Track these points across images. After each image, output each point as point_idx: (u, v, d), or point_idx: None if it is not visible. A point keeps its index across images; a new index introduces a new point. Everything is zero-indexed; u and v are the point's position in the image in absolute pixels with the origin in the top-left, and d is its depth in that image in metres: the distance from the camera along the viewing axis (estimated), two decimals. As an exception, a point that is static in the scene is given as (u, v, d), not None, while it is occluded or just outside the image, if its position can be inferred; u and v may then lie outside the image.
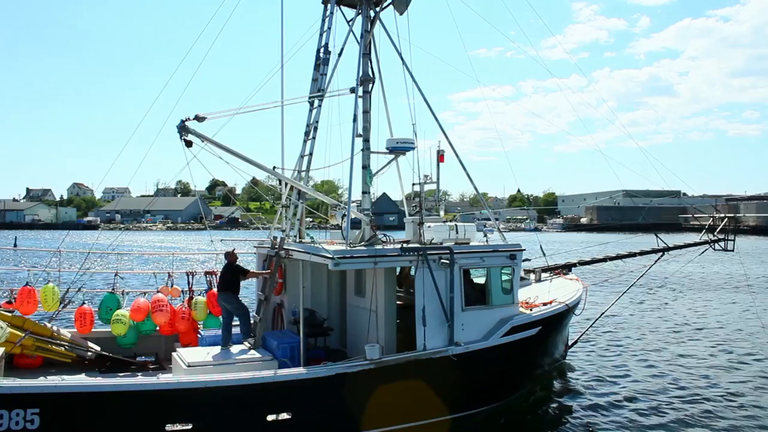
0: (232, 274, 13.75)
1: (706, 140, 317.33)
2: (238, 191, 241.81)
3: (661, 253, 18.06)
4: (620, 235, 38.07)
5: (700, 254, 18.37)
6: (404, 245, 13.02)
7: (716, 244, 17.97)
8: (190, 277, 15.49)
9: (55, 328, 14.20)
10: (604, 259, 19.30)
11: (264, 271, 14.24)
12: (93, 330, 14.74)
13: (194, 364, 12.24)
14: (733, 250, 17.67)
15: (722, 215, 18.51)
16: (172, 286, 15.37)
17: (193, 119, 12.01)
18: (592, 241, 15.00)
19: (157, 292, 15.11)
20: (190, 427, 10.77)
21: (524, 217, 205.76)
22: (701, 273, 39.14)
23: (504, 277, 13.81)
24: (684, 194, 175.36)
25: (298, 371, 11.75)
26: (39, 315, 14.59)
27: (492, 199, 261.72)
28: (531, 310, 14.45)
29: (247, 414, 11.25)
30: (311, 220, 18.23)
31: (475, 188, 15.60)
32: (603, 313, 17.22)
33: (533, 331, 13.95)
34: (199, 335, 14.36)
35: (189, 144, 12.07)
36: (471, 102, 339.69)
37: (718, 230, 18.04)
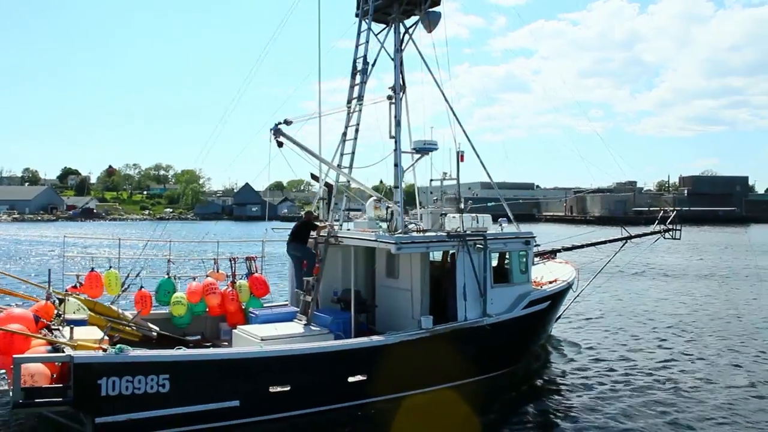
0: (304, 227, 15.98)
1: (557, 136, 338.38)
2: (93, 180, 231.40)
3: (625, 241, 21.46)
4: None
5: (654, 242, 21.98)
6: (449, 232, 15.34)
7: (666, 234, 21.58)
8: (233, 262, 16.98)
9: (119, 310, 15.36)
10: (582, 246, 22.58)
11: (326, 225, 16.16)
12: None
13: (267, 338, 13.92)
14: (680, 239, 21.34)
15: (671, 209, 22.11)
16: (218, 270, 16.82)
17: (283, 123, 13.78)
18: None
19: (206, 276, 16.54)
20: (288, 388, 12.55)
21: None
22: (650, 261, 44.26)
23: (521, 260, 16.50)
24: (537, 186, 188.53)
25: (375, 339, 13.77)
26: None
27: (356, 190, 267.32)
28: (541, 287, 17.30)
29: (332, 377, 13.17)
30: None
31: (490, 178, 18.09)
32: (579, 293, 20.11)
33: (545, 304, 16.82)
34: (253, 315, 15.88)
35: (280, 144, 13.83)
36: (333, 93, 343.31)
37: (669, 221, 21.61)
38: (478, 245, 15.36)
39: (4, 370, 13.03)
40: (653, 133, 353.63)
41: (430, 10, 16.90)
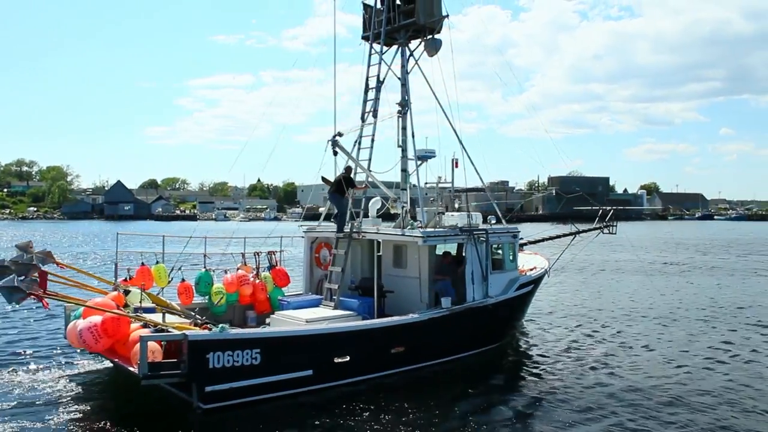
0: (344, 181, 17.99)
1: (435, 136, 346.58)
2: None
3: (574, 235, 24.90)
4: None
5: (595, 237, 25.47)
6: (462, 228, 17.97)
7: (605, 229, 25.16)
8: (257, 256, 18.80)
9: (168, 300, 16.91)
10: (543, 240, 25.88)
11: (363, 187, 18.76)
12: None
13: (311, 320, 16.04)
14: (615, 234, 24.97)
15: (609, 208, 25.77)
16: (245, 264, 18.61)
17: (338, 135, 16.08)
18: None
19: (237, 269, 18.29)
20: (348, 359, 14.83)
21: (264, 207, 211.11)
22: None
23: (510, 250, 19.44)
24: (414, 185, 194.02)
25: (411, 317, 16.15)
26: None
27: (232, 188, 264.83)
28: (525, 273, 20.33)
29: (380, 349, 15.53)
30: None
31: (483, 182, 20.90)
32: (540, 283, 23.13)
33: (530, 287, 19.88)
34: (284, 302, 17.76)
35: (336, 153, 16.13)
36: (210, 89, 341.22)
37: (607, 218, 25.22)
38: (481, 238, 18.14)
39: (96, 353, 14.45)
40: (524, 135, 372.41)
41: (434, 37, 19.50)
